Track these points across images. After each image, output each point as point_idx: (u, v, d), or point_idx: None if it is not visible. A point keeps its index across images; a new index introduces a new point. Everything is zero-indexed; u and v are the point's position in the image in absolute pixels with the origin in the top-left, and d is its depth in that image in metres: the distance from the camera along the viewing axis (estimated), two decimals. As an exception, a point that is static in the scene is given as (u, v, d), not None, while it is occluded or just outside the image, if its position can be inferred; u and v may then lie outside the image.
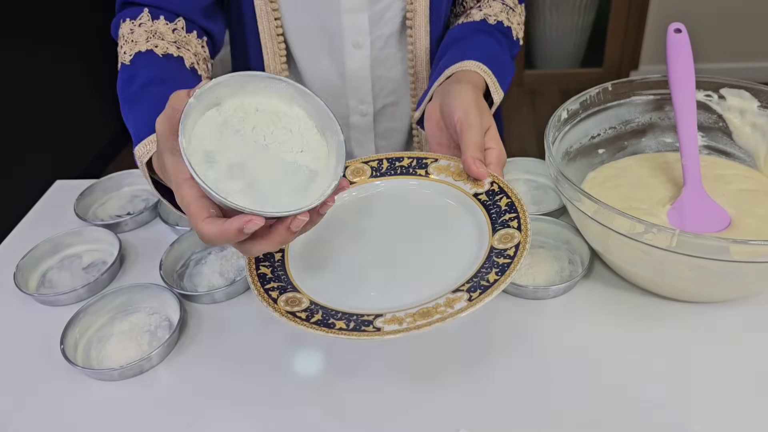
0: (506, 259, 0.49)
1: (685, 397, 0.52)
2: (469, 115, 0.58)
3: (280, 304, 0.50)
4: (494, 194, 0.56)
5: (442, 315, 0.46)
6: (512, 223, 0.53)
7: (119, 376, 0.56)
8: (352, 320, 0.48)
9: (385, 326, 0.47)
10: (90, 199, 0.80)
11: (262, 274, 0.53)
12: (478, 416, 0.51)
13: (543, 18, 2.75)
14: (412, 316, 0.47)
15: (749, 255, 0.50)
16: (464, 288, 0.49)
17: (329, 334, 0.46)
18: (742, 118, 0.70)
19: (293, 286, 0.52)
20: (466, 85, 0.62)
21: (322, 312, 0.49)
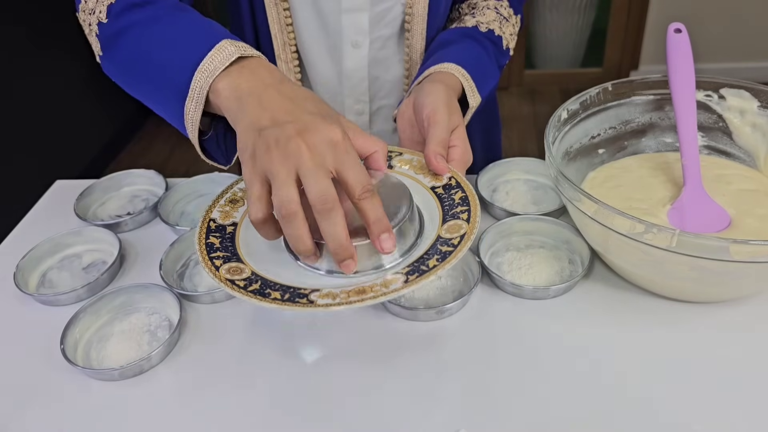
0: (449, 248, 0.51)
1: (685, 397, 0.52)
2: (438, 112, 0.60)
3: (222, 271, 0.51)
4: (450, 188, 0.58)
5: (375, 294, 0.48)
6: (462, 216, 0.54)
7: (119, 376, 0.56)
8: (288, 292, 0.49)
9: (318, 300, 0.48)
10: (90, 199, 0.80)
11: (210, 243, 0.55)
12: (478, 416, 0.51)
13: (543, 18, 2.76)
14: (347, 293, 0.48)
15: (749, 255, 0.50)
16: (403, 271, 0.50)
17: (262, 303, 0.48)
18: (742, 118, 0.70)
19: (238, 257, 0.54)
20: (440, 84, 0.64)
21: (260, 282, 0.50)
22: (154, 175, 0.83)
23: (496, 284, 0.63)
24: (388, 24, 0.78)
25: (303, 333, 0.60)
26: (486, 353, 0.57)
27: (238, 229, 0.57)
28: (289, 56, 0.80)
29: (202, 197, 0.80)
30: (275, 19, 0.76)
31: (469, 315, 0.61)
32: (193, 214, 0.78)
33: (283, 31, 0.77)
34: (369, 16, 0.76)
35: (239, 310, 0.63)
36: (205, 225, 0.57)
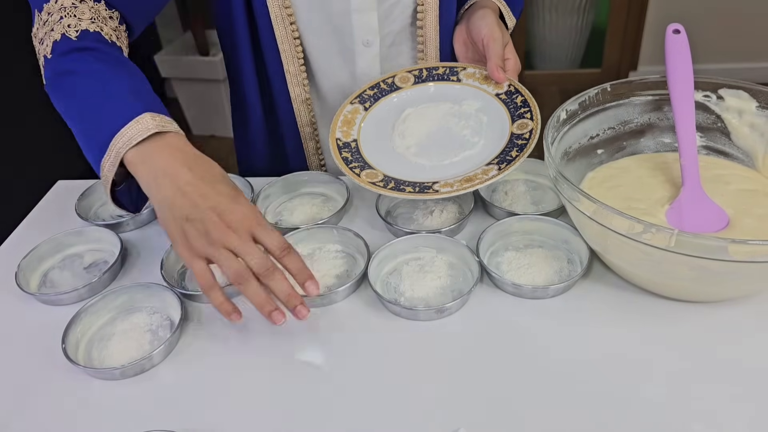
0: (523, 141, 0.68)
1: (685, 397, 0.52)
2: (494, 31, 0.74)
3: (363, 177, 0.68)
4: (512, 94, 0.74)
5: (480, 180, 0.65)
6: (527, 115, 0.71)
7: (121, 376, 0.56)
8: (417, 186, 0.67)
9: (441, 189, 0.66)
10: (91, 199, 0.81)
11: (345, 157, 0.71)
12: (478, 416, 0.52)
13: (542, 18, 2.75)
14: (459, 181, 0.66)
15: (748, 255, 0.50)
16: (494, 162, 0.68)
17: (402, 195, 0.66)
18: (741, 118, 0.71)
19: (369, 164, 0.71)
20: (487, 9, 0.77)
21: (394, 182, 0.68)
22: (155, 176, 0.83)
23: (496, 284, 0.63)
24: (397, 18, 0.79)
25: (304, 333, 0.61)
26: (485, 352, 0.57)
27: (359, 143, 0.74)
28: (297, 69, 0.81)
29: (203, 197, 0.80)
30: (283, 35, 0.77)
31: (468, 314, 0.61)
32: None
33: (291, 45, 0.78)
34: (378, 14, 0.77)
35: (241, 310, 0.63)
36: (335, 144, 0.73)
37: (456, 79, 0.78)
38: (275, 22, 0.76)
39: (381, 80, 0.79)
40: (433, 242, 0.66)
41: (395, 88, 0.79)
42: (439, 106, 0.77)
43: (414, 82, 0.79)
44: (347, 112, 0.76)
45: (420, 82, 0.79)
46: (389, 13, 0.78)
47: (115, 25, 0.67)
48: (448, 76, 0.79)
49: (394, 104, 0.78)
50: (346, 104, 0.76)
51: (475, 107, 0.75)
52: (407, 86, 0.79)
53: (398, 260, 0.66)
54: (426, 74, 0.79)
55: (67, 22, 0.63)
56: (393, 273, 0.65)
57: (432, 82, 0.79)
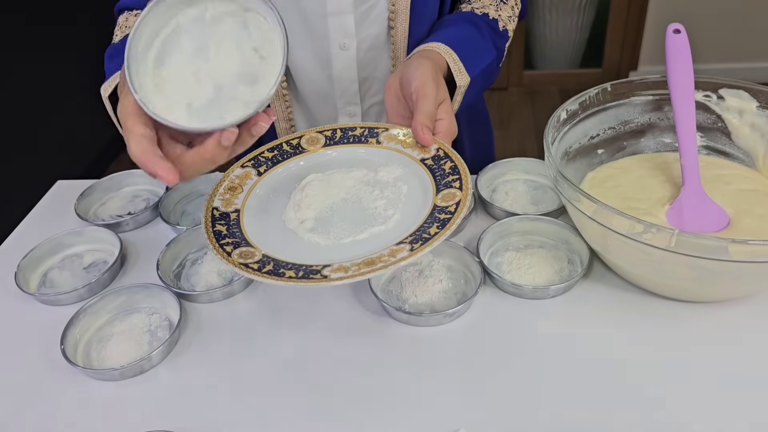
0: (447, 215, 0.54)
1: (685, 397, 0.52)
2: (426, 85, 0.62)
3: (234, 257, 0.54)
4: (440, 159, 0.61)
5: (384, 263, 0.50)
6: (455, 184, 0.58)
7: (120, 376, 0.56)
8: (301, 270, 0.52)
9: (331, 274, 0.50)
10: (91, 199, 0.81)
11: (218, 231, 0.57)
12: (478, 416, 0.52)
13: (542, 18, 2.76)
14: (357, 265, 0.51)
15: (748, 255, 0.50)
16: (407, 240, 0.53)
17: (279, 282, 0.50)
18: (741, 118, 0.71)
19: (247, 241, 0.56)
20: (426, 60, 0.65)
21: (273, 264, 0.53)
22: (155, 176, 0.83)
23: (496, 284, 0.63)
24: (373, 22, 0.77)
25: (304, 334, 0.60)
26: (485, 353, 0.57)
27: (241, 215, 0.60)
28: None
29: (203, 197, 0.80)
30: None
31: (468, 315, 0.61)
32: (194, 214, 0.78)
33: None
34: (354, 17, 0.76)
35: (239, 310, 0.63)
36: (209, 214, 0.59)
37: (375, 142, 0.65)
38: None
39: (284, 140, 0.67)
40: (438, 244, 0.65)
41: (300, 150, 0.66)
42: (350, 173, 0.63)
43: (324, 143, 0.67)
44: (235, 176, 0.63)
45: (331, 144, 0.67)
46: (366, 16, 0.77)
47: None
48: (366, 137, 0.66)
49: (296, 170, 0.65)
50: (235, 167, 0.64)
51: (394, 175, 0.62)
52: (315, 149, 0.66)
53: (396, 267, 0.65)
54: (340, 135, 0.67)
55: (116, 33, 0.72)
56: (392, 281, 0.65)
57: (346, 145, 0.66)
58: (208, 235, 0.56)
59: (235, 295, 0.65)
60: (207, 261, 0.68)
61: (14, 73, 2.00)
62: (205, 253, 0.70)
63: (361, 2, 0.75)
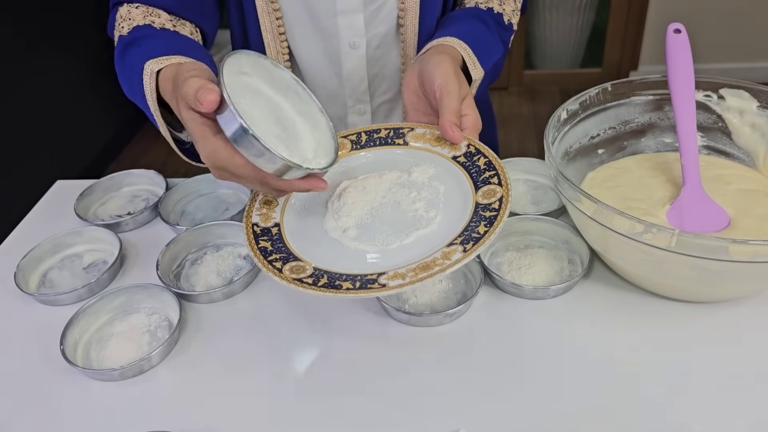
0: (492, 212, 0.54)
1: (685, 397, 0.52)
2: (449, 82, 0.61)
3: (285, 272, 0.52)
4: (472, 155, 0.60)
5: (441, 266, 0.50)
6: (493, 180, 0.57)
7: (119, 377, 0.56)
8: (357, 280, 0.51)
9: (389, 282, 0.49)
10: (90, 199, 0.81)
11: (263, 248, 0.56)
12: (478, 416, 0.51)
13: (542, 18, 2.75)
14: (413, 270, 0.50)
15: (748, 255, 0.50)
16: (457, 241, 0.52)
17: (338, 295, 0.49)
18: (742, 118, 0.71)
19: (294, 255, 0.55)
20: (445, 56, 0.65)
21: (327, 276, 0.52)
22: (155, 175, 0.83)
23: (496, 284, 0.63)
24: (383, 21, 0.78)
25: (304, 335, 0.60)
26: (485, 353, 0.57)
27: (282, 229, 0.58)
28: (282, 64, 0.80)
29: (203, 197, 0.80)
30: (268, 29, 0.76)
31: (468, 315, 0.61)
32: (194, 214, 0.78)
33: (276, 40, 0.77)
34: (364, 16, 0.76)
35: (239, 310, 0.63)
36: (250, 231, 0.57)
37: (402, 143, 0.64)
38: (261, 16, 0.75)
39: None
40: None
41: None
42: (383, 177, 0.62)
43: (351, 148, 0.65)
44: None
45: (359, 148, 0.65)
46: (375, 15, 0.77)
47: (173, 18, 0.71)
48: (393, 139, 0.65)
49: (328, 177, 0.60)
50: None
51: (428, 174, 0.61)
52: (343, 154, 0.65)
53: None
54: (365, 138, 0.66)
55: (122, 25, 0.69)
56: None
57: (373, 148, 0.65)
58: (255, 253, 0.55)
59: (235, 295, 0.65)
60: (207, 261, 0.68)
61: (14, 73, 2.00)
62: (205, 253, 0.70)
63: (371, 1, 0.75)
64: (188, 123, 0.52)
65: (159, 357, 0.58)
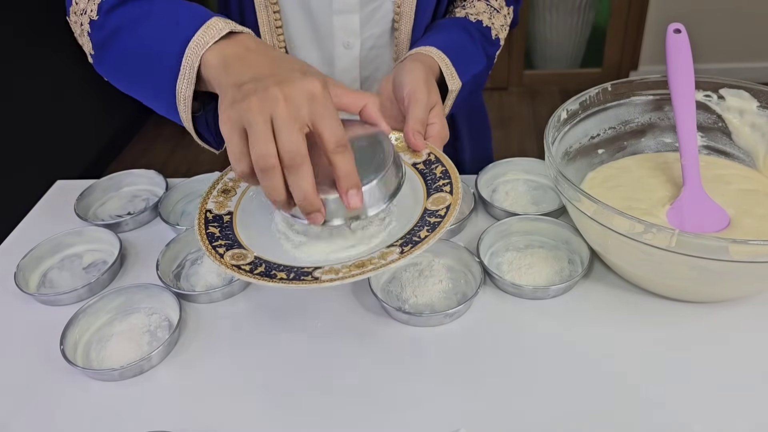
0: (437, 219, 0.54)
1: (685, 397, 0.52)
2: (418, 90, 0.62)
3: (226, 258, 0.54)
4: (431, 163, 0.61)
5: (375, 266, 0.51)
6: (445, 188, 0.57)
7: (119, 377, 0.56)
8: (293, 272, 0.52)
9: (322, 276, 0.51)
10: (90, 199, 0.81)
11: (210, 233, 0.57)
12: (478, 416, 0.51)
13: (542, 18, 2.76)
14: (348, 267, 0.52)
15: (749, 255, 0.50)
16: (397, 243, 0.53)
17: (270, 284, 0.50)
18: (742, 118, 0.71)
19: (239, 243, 0.56)
20: (418, 63, 0.65)
21: (265, 265, 0.53)
22: (155, 175, 0.83)
23: (496, 284, 0.63)
24: (378, 23, 0.78)
25: (304, 335, 0.60)
26: (485, 353, 0.57)
27: (234, 217, 0.60)
28: None
29: (202, 197, 0.80)
30: (265, 21, 0.76)
31: (468, 315, 0.61)
32: (194, 214, 0.78)
33: (273, 34, 0.77)
34: (360, 17, 0.76)
35: (239, 310, 0.63)
36: (202, 216, 0.59)
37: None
38: (258, 9, 0.75)
39: None
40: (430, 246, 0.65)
41: None
42: None
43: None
44: (228, 179, 0.63)
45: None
46: (371, 16, 0.77)
47: None
48: None
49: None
50: (228, 170, 0.64)
51: None
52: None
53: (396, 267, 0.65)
54: None
55: (89, 8, 0.59)
56: (392, 281, 0.65)
57: None
58: (201, 237, 0.56)
59: (235, 295, 0.65)
60: (207, 261, 0.68)
61: (14, 73, 2.00)
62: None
63: (367, 2, 0.75)
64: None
65: (159, 357, 0.58)
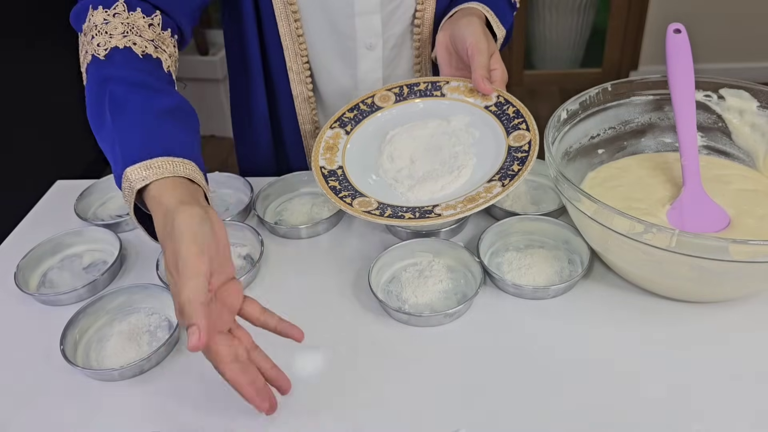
0: (523, 153, 0.64)
1: (685, 397, 0.52)
2: (479, 41, 0.69)
3: (356, 206, 0.63)
4: (502, 105, 0.70)
5: (485, 199, 0.60)
6: (521, 126, 0.67)
7: (119, 377, 0.56)
8: (417, 211, 0.61)
9: (443, 212, 0.60)
10: (90, 199, 0.81)
11: (333, 186, 0.66)
12: (478, 416, 0.51)
13: (542, 18, 2.75)
14: (461, 203, 0.61)
15: (749, 255, 0.50)
16: (496, 178, 0.63)
17: (402, 223, 0.60)
18: (741, 118, 0.71)
19: (360, 192, 0.65)
20: (473, 17, 0.72)
21: (390, 209, 0.63)
22: (154, 176, 0.83)
23: (496, 284, 0.63)
24: (399, 21, 0.79)
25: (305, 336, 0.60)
26: (485, 353, 0.57)
27: (345, 169, 0.69)
28: (301, 67, 0.80)
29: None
30: (287, 32, 0.77)
31: (469, 315, 0.61)
32: None
33: (294, 43, 0.78)
34: (381, 17, 0.77)
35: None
36: (319, 173, 0.67)
37: (440, 94, 0.74)
38: (279, 18, 0.76)
39: (360, 101, 0.75)
40: (430, 246, 0.66)
41: (376, 108, 0.74)
42: (426, 124, 0.72)
43: (395, 100, 0.75)
44: (328, 137, 0.71)
45: (402, 100, 0.75)
46: (392, 15, 0.78)
47: (155, 34, 0.64)
48: (431, 91, 0.74)
49: (377, 125, 0.73)
50: (326, 129, 0.72)
51: (464, 122, 0.71)
52: (388, 105, 0.74)
53: (396, 267, 0.66)
54: (407, 91, 0.75)
55: (97, 41, 0.60)
56: (392, 281, 0.65)
57: (415, 99, 0.75)
58: (327, 190, 0.65)
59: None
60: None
61: (14, 73, 2.00)
62: None
63: (388, 2, 0.76)
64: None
65: (159, 357, 0.58)
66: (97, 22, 0.61)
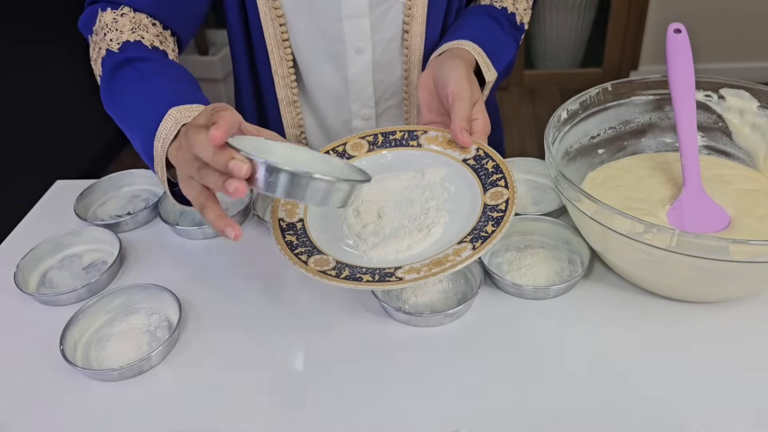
0: (499, 213, 0.58)
1: (685, 397, 0.52)
2: (462, 88, 0.65)
3: (311, 264, 0.57)
4: (481, 159, 0.65)
5: (452, 262, 0.54)
6: (500, 182, 0.61)
7: (119, 377, 0.56)
8: (376, 273, 0.55)
9: (405, 276, 0.54)
10: (90, 199, 0.80)
11: (289, 241, 0.60)
12: (478, 416, 0.51)
13: (543, 18, 2.75)
14: (427, 266, 0.55)
15: (749, 255, 0.50)
16: (467, 239, 0.57)
17: (359, 287, 0.54)
18: (742, 118, 0.70)
19: (318, 249, 0.59)
20: (459, 60, 0.68)
21: (348, 269, 0.56)
22: (154, 175, 0.83)
23: (497, 284, 0.63)
24: (389, 25, 0.78)
25: (304, 335, 0.60)
26: (485, 353, 0.57)
27: (305, 224, 0.63)
28: (286, 71, 0.80)
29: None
30: (272, 35, 0.76)
31: (469, 315, 0.61)
32: (193, 214, 0.78)
33: (279, 47, 0.77)
34: (370, 20, 0.76)
35: (239, 311, 0.63)
36: (277, 225, 0.62)
37: (416, 144, 0.69)
38: (264, 22, 0.75)
39: (330, 148, 0.69)
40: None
41: (347, 157, 0.69)
42: (399, 176, 0.66)
43: (368, 149, 0.70)
44: None
45: (375, 148, 0.70)
46: (381, 19, 0.77)
47: (158, 31, 0.70)
48: (407, 141, 0.69)
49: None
50: None
51: (440, 175, 0.65)
52: (360, 154, 0.69)
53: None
54: (381, 140, 0.70)
55: (110, 36, 0.66)
56: None
57: (389, 149, 0.69)
58: (282, 246, 0.59)
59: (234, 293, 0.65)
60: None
61: (13, 73, 2.00)
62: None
63: (376, 5, 0.75)
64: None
65: (159, 357, 0.58)
66: (108, 22, 0.67)
